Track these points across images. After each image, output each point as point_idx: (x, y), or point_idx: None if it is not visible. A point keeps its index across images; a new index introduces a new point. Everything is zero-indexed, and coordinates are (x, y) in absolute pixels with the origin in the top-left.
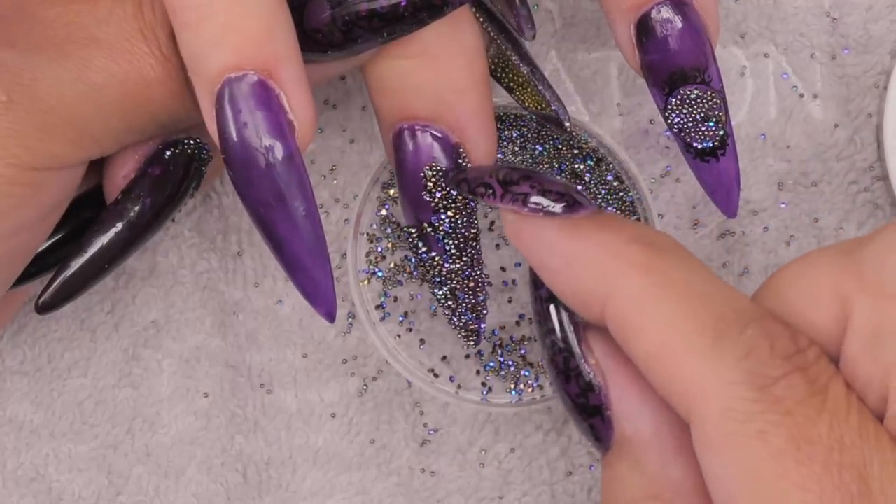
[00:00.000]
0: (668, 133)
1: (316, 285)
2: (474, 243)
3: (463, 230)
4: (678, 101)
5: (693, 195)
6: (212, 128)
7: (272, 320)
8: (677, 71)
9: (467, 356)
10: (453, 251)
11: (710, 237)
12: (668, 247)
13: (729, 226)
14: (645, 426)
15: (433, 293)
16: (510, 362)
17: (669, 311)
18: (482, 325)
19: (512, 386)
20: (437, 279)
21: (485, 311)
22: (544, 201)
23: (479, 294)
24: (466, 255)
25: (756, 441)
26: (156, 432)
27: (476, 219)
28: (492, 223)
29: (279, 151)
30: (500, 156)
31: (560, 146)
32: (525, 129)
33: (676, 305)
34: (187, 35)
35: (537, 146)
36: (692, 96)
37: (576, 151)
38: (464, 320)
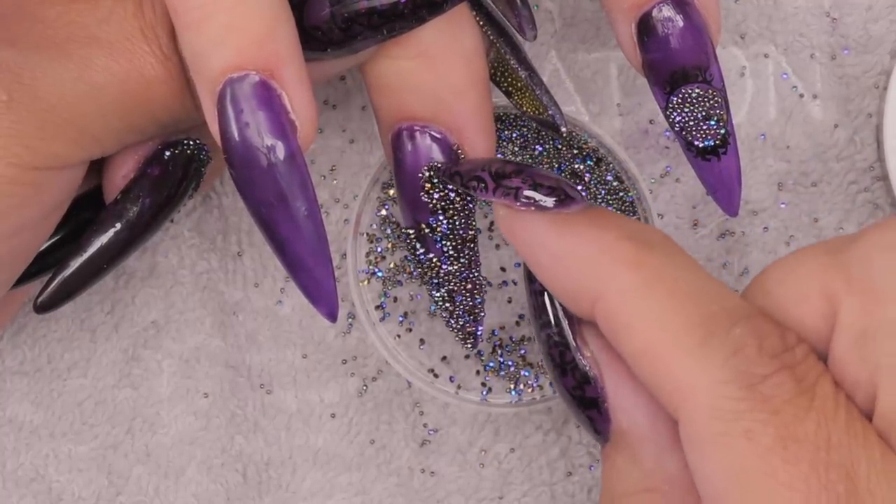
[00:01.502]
0: (668, 133)
1: (318, 285)
2: (472, 245)
3: (461, 231)
4: (679, 100)
5: (693, 195)
6: (213, 128)
7: (272, 321)
8: (678, 70)
9: (467, 356)
10: (451, 252)
11: (710, 237)
12: (658, 243)
13: (729, 226)
14: (641, 419)
15: (431, 295)
16: (510, 362)
17: (658, 308)
18: (479, 328)
19: (512, 386)
20: (435, 281)
21: (482, 314)
22: (536, 195)
23: (477, 296)
24: (464, 257)
25: (743, 440)
26: (156, 432)
27: (474, 220)
28: (491, 223)
29: (281, 151)
30: (499, 156)
31: (560, 146)
32: (525, 130)
33: (665, 302)
34: (189, 35)
35: (537, 146)
36: (693, 95)
37: (575, 151)
38: (461, 323)
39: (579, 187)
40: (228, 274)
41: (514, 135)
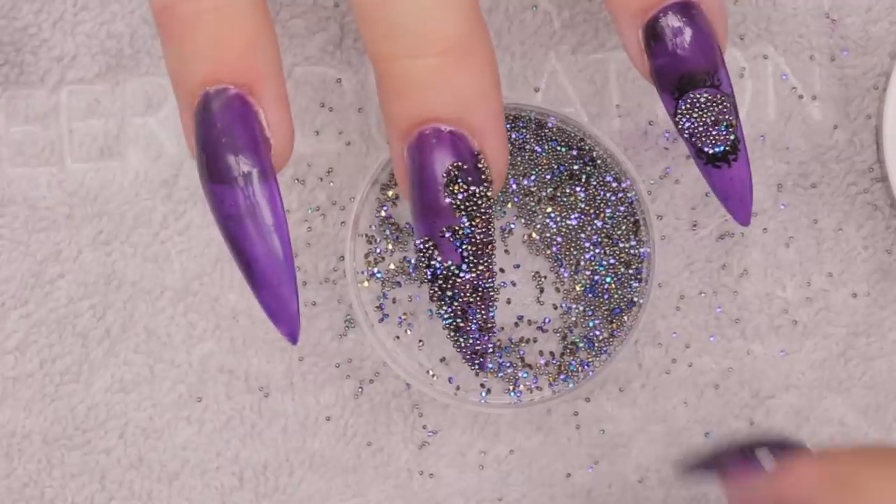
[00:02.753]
0: (667, 135)
1: (281, 304)
2: (490, 252)
3: (481, 236)
4: (688, 106)
5: (692, 196)
6: (190, 141)
7: (269, 323)
8: (686, 75)
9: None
10: (470, 258)
11: (709, 238)
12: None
13: (728, 227)
14: None
15: (440, 314)
16: (509, 363)
17: None
18: (489, 347)
19: (511, 387)
20: (449, 294)
21: (494, 330)
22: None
23: (491, 309)
24: (482, 264)
25: None
26: (148, 437)
27: (493, 227)
28: None
29: (252, 167)
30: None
31: (559, 147)
32: (525, 131)
33: None
34: (172, 47)
35: (536, 147)
36: (702, 100)
37: (575, 152)
38: (471, 341)
39: (577, 189)
40: (224, 278)
41: (514, 136)
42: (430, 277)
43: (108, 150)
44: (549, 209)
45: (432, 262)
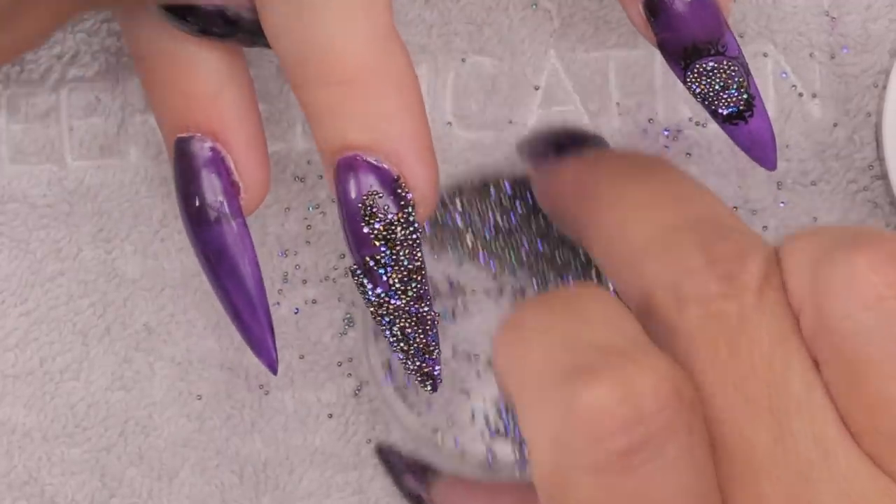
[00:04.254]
0: (666, 132)
1: (256, 337)
2: (419, 277)
3: (406, 262)
4: (695, 75)
5: None
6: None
7: None
8: (690, 45)
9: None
10: (397, 285)
11: None
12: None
13: None
14: None
15: (385, 338)
16: None
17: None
18: (437, 368)
19: None
20: (386, 319)
21: (437, 352)
22: None
23: (429, 333)
24: (411, 290)
25: None
26: (148, 435)
27: (419, 251)
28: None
29: (221, 211)
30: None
31: None
32: None
33: None
34: (148, 95)
35: None
36: (708, 68)
37: None
38: (417, 363)
39: None
40: None
41: None
42: (366, 305)
43: (108, 147)
44: None
45: (364, 291)
